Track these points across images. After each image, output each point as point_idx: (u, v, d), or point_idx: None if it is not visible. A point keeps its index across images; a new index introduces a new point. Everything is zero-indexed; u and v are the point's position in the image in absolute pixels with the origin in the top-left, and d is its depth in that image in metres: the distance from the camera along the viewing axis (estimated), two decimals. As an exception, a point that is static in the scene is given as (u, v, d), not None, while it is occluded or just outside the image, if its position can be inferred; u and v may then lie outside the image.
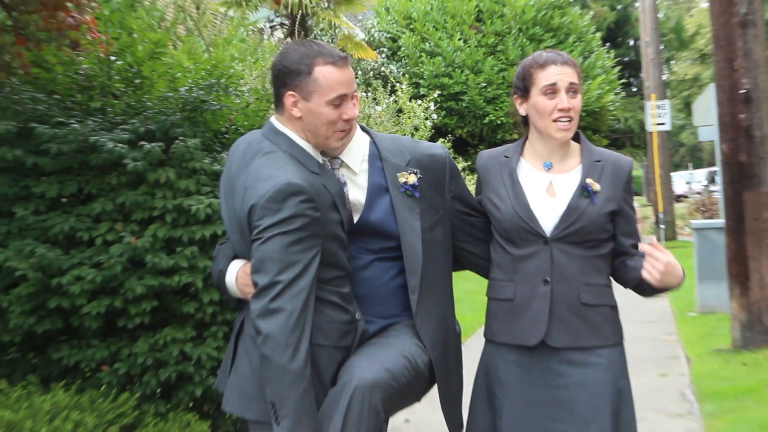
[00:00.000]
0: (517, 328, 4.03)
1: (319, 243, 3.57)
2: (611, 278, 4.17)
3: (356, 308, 3.81)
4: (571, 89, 4.02)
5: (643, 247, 3.97)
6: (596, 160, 4.11)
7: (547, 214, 4.02)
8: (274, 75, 3.80)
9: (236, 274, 3.80)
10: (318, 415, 3.55)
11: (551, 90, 4.01)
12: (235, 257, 3.87)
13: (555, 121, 4.02)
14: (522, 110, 4.15)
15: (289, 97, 3.73)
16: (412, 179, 3.88)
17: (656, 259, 3.83)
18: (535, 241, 4.01)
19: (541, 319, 3.97)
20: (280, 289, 3.44)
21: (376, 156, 3.94)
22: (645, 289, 4.06)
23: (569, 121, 4.02)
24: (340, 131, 3.77)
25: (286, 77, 3.73)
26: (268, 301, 3.43)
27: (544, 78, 4.03)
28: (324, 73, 3.69)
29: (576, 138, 4.18)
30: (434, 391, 4.05)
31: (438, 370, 3.92)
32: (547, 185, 4.09)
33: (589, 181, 4.04)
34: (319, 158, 3.81)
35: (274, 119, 3.85)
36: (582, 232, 3.99)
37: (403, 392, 3.76)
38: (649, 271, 3.85)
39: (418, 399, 3.99)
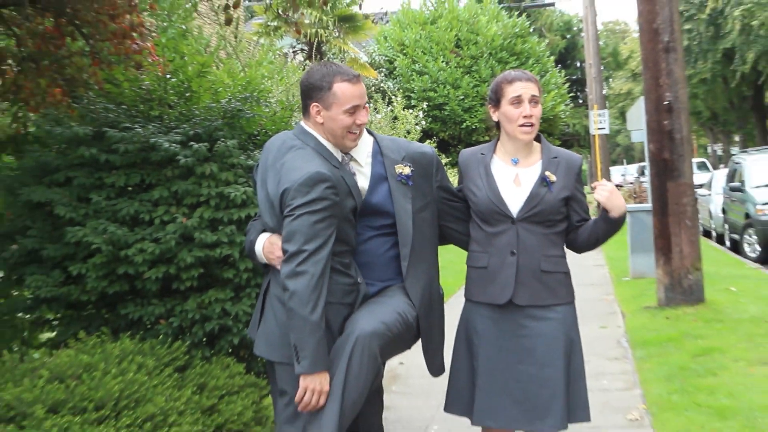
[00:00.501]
0: (490, 290, 4.06)
1: (336, 222, 3.60)
2: (565, 250, 4.18)
3: (358, 274, 3.85)
4: (533, 100, 4.05)
5: (593, 184, 4.11)
6: (553, 156, 4.14)
7: (514, 199, 4.04)
8: (302, 90, 3.85)
9: (263, 244, 3.83)
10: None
11: (517, 101, 4.03)
12: (264, 231, 3.89)
13: (521, 125, 4.04)
14: (495, 117, 4.16)
15: (314, 107, 3.78)
16: (407, 171, 3.92)
17: (603, 185, 4.03)
18: (504, 221, 4.03)
19: (509, 283, 4.00)
20: (305, 256, 3.47)
21: (378, 152, 3.97)
22: (599, 235, 4.14)
23: (532, 125, 4.05)
24: (353, 133, 3.81)
25: (311, 91, 3.79)
26: (295, 266, 3.47)
27: (511, 91, 4.05)
28: (341, 88, 3.74)
29: (537, 139, 4.19)
30: (422, 340, 4.07)
31: (422, 324, 3.94)
32: (514, 177, 4.11)
33: (547, 173, 4.07)
34: (339, 155, 3.84)
35: (303, 123, 3.89)
36: (541, 214, 4.02)
37: (396, 341, 3.80)
38: (600, 193, 4.02)
39: (409, 347, 4.02)
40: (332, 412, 3.56)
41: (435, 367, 4.16)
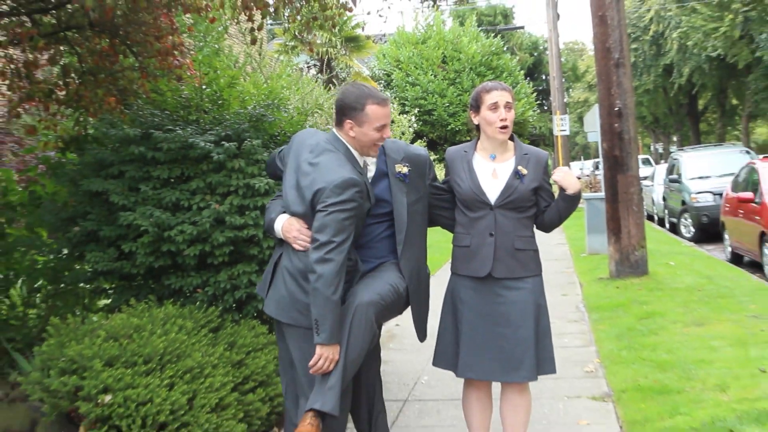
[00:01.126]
0: (472, 265, 4.04)
1: (356, 220, 3.61)
2: (535, 230, 4.17)
3: (357, 256, 3.84)
4: (508, 106, 4.03)
5: (554, 170, 4.15)
6: (524, 153, 4.12)
7: (492, 189, 4.02)
8: (338, 107, 3.81)
9: (282, 224, 3.79)
10: None
11: (494, 107, 4.00)
12: (284, 212, 3.86)
13: (497, 127, 4.01)
14: (475, 121, 4.13)
15: (348, 123, 3.75)
16: (404, 170, 3.91)
17: (560, 169, 4.08)
18: (484, 208, 4.01)
19: (488, 259, 3.98)
20: (333, 246, 3.48)
21: (383, 152, 3.95)
22: (561, 211, 4.12)
23: (507, 127, 4.03)
24: (377, 145, 3.81)
25: (346, 110, 3.76)
26: (324, 253, 3.47)
27: (489, 99, 4.03)
28: (372, 110, 3.72)
29: (511, 138, 4.17)
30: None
31: (412, 296, 3.94)
32: (492, 171, 4.08)
33: (519, 167, 4.05)
34: (362, 161, 3.83)
35: (335, 131, 3.84)
36: (515, 201, 4.00)
37: (389, 308, 3.81)
38: (557, 174, 4.07)
39: (400, 312, 4.02)
40: (338, 367, 3.57)
41: (421, 332, 4.17)
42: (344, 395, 3.64)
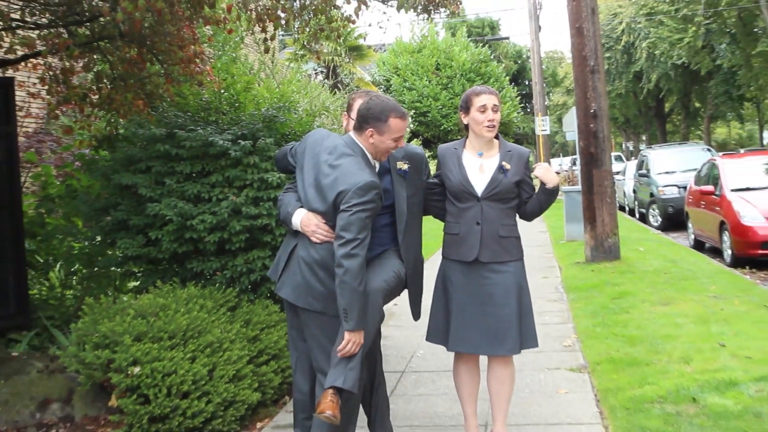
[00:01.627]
0: (461, 251, 4.02)
1: (373, 218, 3.59)
2: (517, 219, 4.14)
3: None
4: (494, 108, 4.00)
5: (534, 165, 4.14)
6: (508, 150, 4.09)
7: (479, 183, 4.00)
8: (362, 115, 3.74)
9: (301, 218, 3.71)
10: None
11: (483, 109, 3.98)
12: (301, 206, 3.78)
13: (485, 127, 4.00)
14: (465, 121, 4.10)
15: (369, 131, 3.70)
16: (405, 167, 3.88)
17: (541, 165, 4.04)
18: (471, 199, 3.99)
19: (475, 245, 3.96)
20: (358, 242, 3.44)
21: None
22: (542, 203, 4.11)
23: (493, 127, 4.01)
24: (389, 152, 3.80)
25: (370, 119, 3.70)
26: (350, 249, 3.42)
27: (478, 101, 4.00)
28: (394, 122, 3.68)
29: (497, 137, 4.14)
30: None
31: (409, 280, 3.93)
32: (479, 166, 4.05)
33: (503, 163, 4.02)
34: (374, 162, 3.80)
35: (353, 135, 3.79)
36: (499, 194, 3.98)
37: (393, 292, 3.81)
38: (538, 170, 4.04)
39: (400, 294, 3.99)
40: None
41: (416, 312, 4.17)
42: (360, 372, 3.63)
